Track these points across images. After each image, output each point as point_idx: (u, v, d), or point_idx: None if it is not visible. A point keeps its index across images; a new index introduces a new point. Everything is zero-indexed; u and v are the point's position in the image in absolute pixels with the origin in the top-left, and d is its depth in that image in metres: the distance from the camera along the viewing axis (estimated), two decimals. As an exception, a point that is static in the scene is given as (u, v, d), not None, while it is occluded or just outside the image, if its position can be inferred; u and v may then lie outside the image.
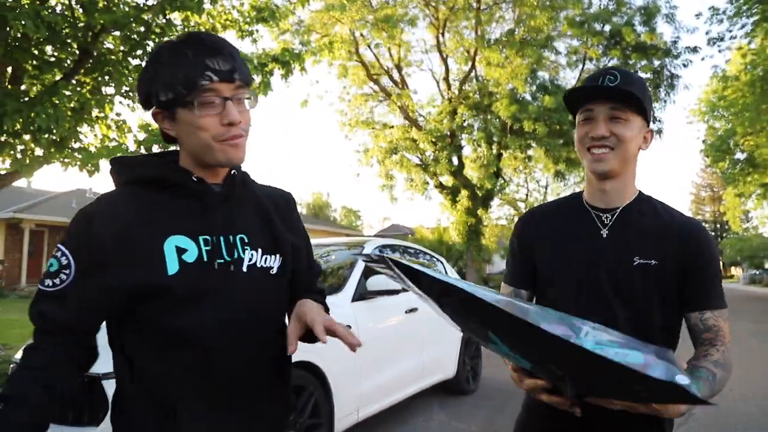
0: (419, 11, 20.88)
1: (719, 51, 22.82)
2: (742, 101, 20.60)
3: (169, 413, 1.12)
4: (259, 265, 1.23)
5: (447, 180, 22.02)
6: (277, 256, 1.27)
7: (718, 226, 67.30)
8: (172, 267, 1.12)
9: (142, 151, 8.19)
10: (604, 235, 1.44)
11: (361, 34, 21.21)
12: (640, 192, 1.50)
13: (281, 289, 1.29)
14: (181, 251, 1.13)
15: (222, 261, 1.17)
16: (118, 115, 9.05)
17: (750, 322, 13.55)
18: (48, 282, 1.11)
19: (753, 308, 18.99)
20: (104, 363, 1.25)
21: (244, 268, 1.20)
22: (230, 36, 10.00)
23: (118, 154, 7.73)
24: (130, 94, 8.58)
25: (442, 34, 21.07)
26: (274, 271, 1.26)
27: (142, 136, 8.38)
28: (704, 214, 67.77)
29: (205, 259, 1.15)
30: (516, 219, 32.41)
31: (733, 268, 67.44)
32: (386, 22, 19.46)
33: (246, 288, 1.19)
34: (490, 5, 20.26)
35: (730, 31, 21.55)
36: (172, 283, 1.11)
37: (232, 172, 1.26)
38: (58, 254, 1.12)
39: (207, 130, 1.13)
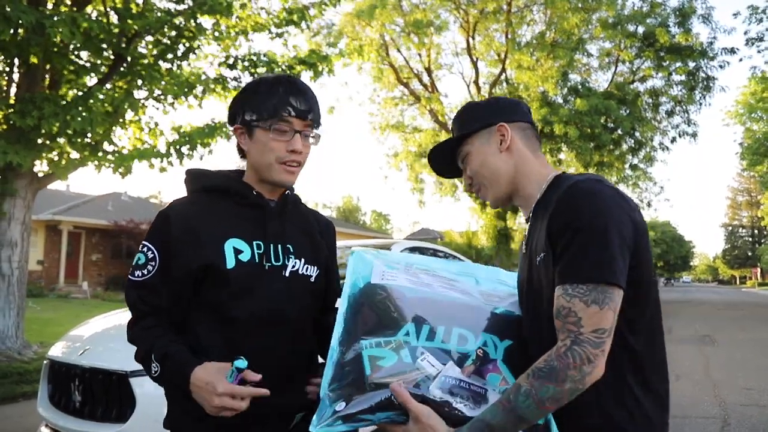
0: (449, 14, 20.80)
1: (758, 51, 22.19)
2: (782, 103, 19.93)
3: None
4: (300, 272, 1.47)
5: (476, 184, 21.83)
6: (316, 267, 1.52)
7: (756, 231, 65.33)
8: (230, 263, 1.37)
9: (172, 152, 8.33)
10: (523, 251, 1.36)
11: (391, 38, 21.23)
12: (555, 177, 1.33)
13: (317, 294, 1.53)
14: (237, 251, 1.38)
15: (270, 264, 1.42)
16: (150, 118, 9.23)
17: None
18: (138, 273, 1.38)
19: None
20: (131, 361, 1.43)
21: (287, 273, 1.44)
22: (261, 38, 10.10)
23: (173, 150, 7.80)
24: (162, 97, 8.74)
25: (473, 37, 20.94)
26: (313, 279, 1.51)
27: (172, 137, 8.50)
28: (741, 219, 65.88)
29: (257, 260, 1.40)
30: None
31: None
32: (416, 26, 19.44)
33: (287, 289, 1.43)
34: (521, 8, 20.06)
35: (771, 32, 20.92)
36: (229, 275, 1.36)
37: (287, 192, 1.53)
38: (144, 249, 1.40)
39: (274, 151, 1.40)
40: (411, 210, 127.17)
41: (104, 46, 7.56)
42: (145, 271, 1.38)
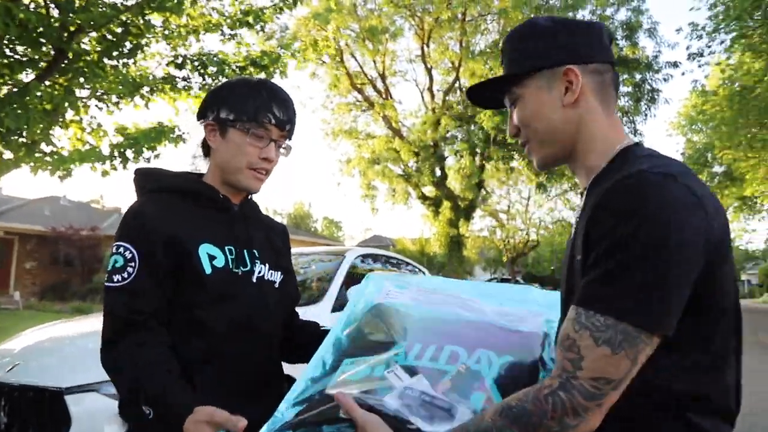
0: (404, 21, 20.91)
1: (699, 66, 23.27)
2: (720, 115, 20.94)
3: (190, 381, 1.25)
4: (266, 278, 1.44)
5: (429, 191, 21.99)
6: (279, 272, 1.49)
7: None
8: (207, 268, 1.30)
9: (116, 155, 7.97)
10: (572, 234, 1.06)
11: (346, 43, 21.18)
12: (624, 148, 1.01)
13: (281, 299, 1.49)
14: (211, 257, 1.32)
15: (241, 270, 1.37)
16: (93, 118, 8.83)
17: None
18: (117, 277, 1.25)
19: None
20: (67, 377, 1.39)
21: (254, 279, 1.40)
22: (213, 39, 9.88)
23: (116, 153, 7.42)
24: (105, 96, 8.36)
25: (427, 45, 21.12)
26: (277, 285, 1.48)
27: (116, 139, 8.15)
28: (682, 227, 68.79)
29: (231, 266, 1.35)
30: (497, 231, 32.35)
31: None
32: (371, 32, 19.44)
33: (257, 294, 1.40)
34: (475, 17, 20.35)
35: (709, 47, 21.93)
36: (206, 281, 1.29)
37: (248, 197, 1.49)
38: (121, 250, 1.27)
39: (247, 155, 1.36)
40: (363, 217, 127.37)
41: (43, 40, 7.15)
42: (125, 274, 1.25)
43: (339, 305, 4.05)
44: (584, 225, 0.91)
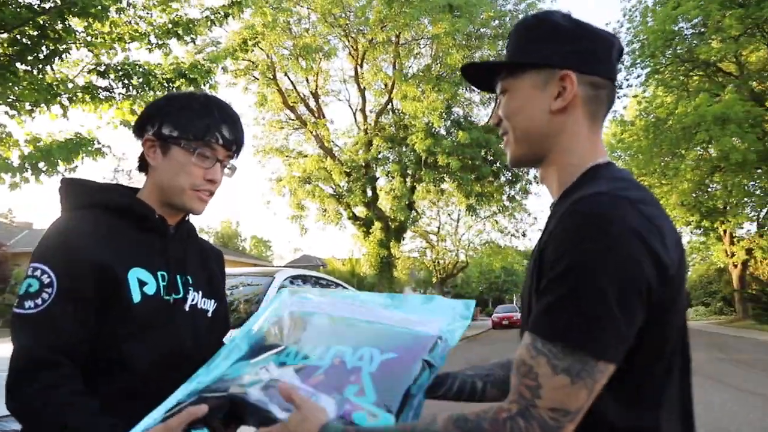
0: (339, 42, 20.96)
1: (618, 97, 24.63)
2: (637, 144, 22.18)
3: None
4: (199, 306, 1.33)
5: (360, 211, 21.94)
6: (213, 300, 1.39)
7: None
8: (136, 296, 1.18)
9: (27, 167, 7.41)
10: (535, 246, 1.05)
11: (279, 61, 20.96)
12: (590, 168, 0.97)
13: (213, 329, 1.38)
14: (141, 283, 1.20)
15: (173, 297, 1.26)
16: (2, 127, 8.22)
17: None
18: (29, 304, 1.10)
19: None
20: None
21: (187, 307, 1.29)
22: (141, 51, 9.49)
23: (28, 165, 6.90)
24: (17, 104, 7.79)
25: (361, 66, 21.21)
26: (210, 314, 1.37)
27: (28, 150, 7.58)
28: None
29: (162, 293, 1.23)
30: (427, 252, 32.69)
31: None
32: (305, 51, 19.33)
33: (188, 325, 1.28)
34: (408, 41, 20.68)
35: (627, 80, 23.28)
36: (134, 311, 1.17)
37: (186, 218, 1.37)
38: (38, 273, 1.12)
39: (191, 176, 1.25)
40: (293, 236, 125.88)
41: (-54, 39, 6.59)
42: (39, 301, 1.09)
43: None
44: (538, 247, 0.90)
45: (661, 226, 0.83)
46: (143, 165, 1.32)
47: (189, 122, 1.25)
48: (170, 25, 8.58)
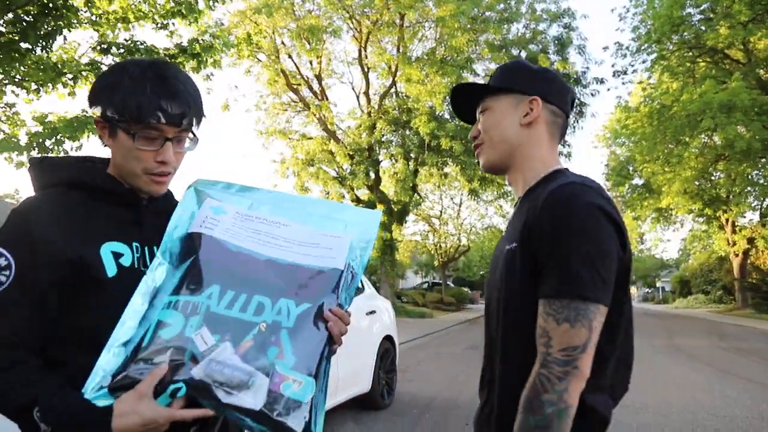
0: (343, 23, 20.83)
1: (623, 83, 24.54)
2: (641, 131, 22.09)
3: None
4: None
5: (363, 194, 21.96)
6: None
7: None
8: (111, 270, 1.15)
9: (35, 146, 7.49)
10: (503, 233, 1.35)
11: (283, 42, 20.87)
12: (555, 171, 1.28)
13: None
14: (117, 255, 1.17)
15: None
16: (9, 107, 8.29)
17: (644, 338, 14.29)
18: None
19: (647, 324, 20.15)
20: None
21: None
22: (145, 30, 9.51)
23: (35, 143, 7.02)
24: (24, 82, 7.84)
25: (365, 48, 21.11)
26: None
27: (36, 129, 7.65)
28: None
29: (136, 265, 1.20)
30: (429, 235, 32.67)
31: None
32: (310, 32, 19.24)
33: None
34: (413, 23, 20.53)
35: (633, 66, 23.10)
36: (108, 285, 1.14)
37: None
38: None
39: (140, 161, 1.19)
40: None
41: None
42: None
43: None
44: (522, 222, 1.17)
45: (616, 209, 1.13)
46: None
47: (124, 103, 1.14)
48: (173, 4, 8.59)
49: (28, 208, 1.15)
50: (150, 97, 1.14)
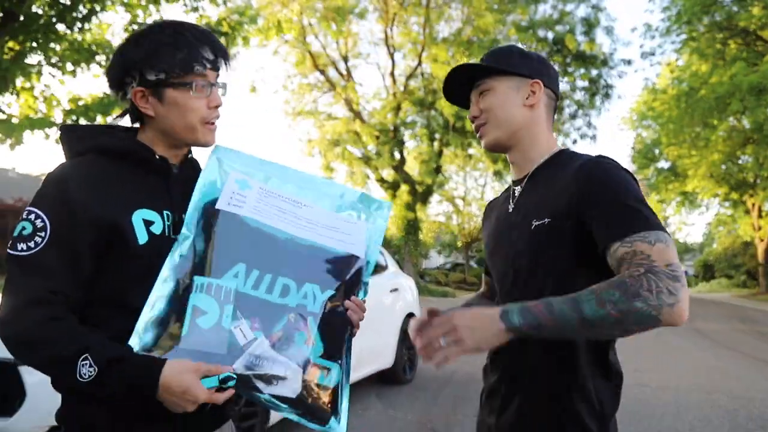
0: (369, 3, 20.78)
1: (650, 65, 24.11)
2: (668, 113, 21.73)
3: None
4: None
5: (388, 174, 22.09)
6: None
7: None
8: (142, 237, 1.16)
9: (69, 123, 7.74)
10: (510, 210, 1.38)
11: (309, 23, 20.92)
12: (560, 150, 1.37)
13: None
14: (148, 223, 1.18)
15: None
16: (46, 86, 8.55)
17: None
18: (22, 246, 1.09)
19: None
20: None
21: None
22: (175, 9, 9.70)
23: (69, 122, 7.33)
24: (60, 64, 8.09)
25: (391, 29, 21.06)
26: None
27: (70, 108, 7.93)
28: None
29: (167, 233, 1.21)
30: (453, 216, 32.51)
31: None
32: (336, 12, 19.25)
33: None
34: (439, 4, 20.40)
35: (661, 47, 22.66)
36: (143, 251, 1.15)
37: (190, 155, 1.34)
38: (32, 217, 1.11)
39: (196, 111, 1.21)
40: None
41: (-7, 1, 6.87)
42: (32, 244, 1.08)
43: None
44: (551, 198, 1.23)
45: None
46: (136, 117, 1.27)
47: (170, 59, 1.18)
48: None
49: (62, 173, 1.16)
50: (194, 44, 1.20)
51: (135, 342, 1.07)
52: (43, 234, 1.09)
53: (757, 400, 5.59)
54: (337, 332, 1.21)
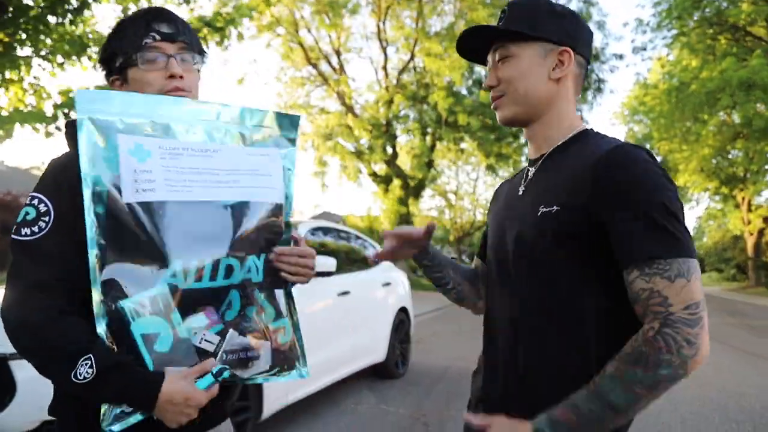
0: (361, -3, 20.72)
1: (642, 60, 24.19)
2: (659, 108, 21.86)
3: None
4: None
5: (380, 168, 22.09)
6: None
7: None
8: None
9: (60, 116, 7.69)
10: (520, 192, 1.21)
11: (302, 16, 20.84)
12: (584, 130, 1.18)
13: None
14: None
15: None
16: (36, 79, 8.46)
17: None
18: (26, 230, 1.08)
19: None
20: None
21: None
22: (166, 4, 9.62)
23: (61, 114, 7.18)
24: (50, 56, 8.02)
25: (383, 22, 21.01)
26: None
27: (60, 101, 7.86)
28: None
29: None
30: (445, 210, 32.66)
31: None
32: (331, 6, 19.19)
33: None
34: (432, -3, 20.37)
35: (652, 42, 22.76)
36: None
37: None
38: (35, 202, 1.10)
39: (152, 84, 1.20)
40: (312, 193, 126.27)
41: (-19, -7, 6.79)
42: (36, 228, 1.07)
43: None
44: (566, 185, 1.07)
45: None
46: None
47: (122, 41, 1.21)
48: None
49: (65, 160, 1.16)
50: (144, 22, 1.22)
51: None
52: (46, 219, 1.08)
53: (750, 396, 5.60)
54: (276, 290, 1.20)
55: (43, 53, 7.98)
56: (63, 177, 1.12)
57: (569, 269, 1.05)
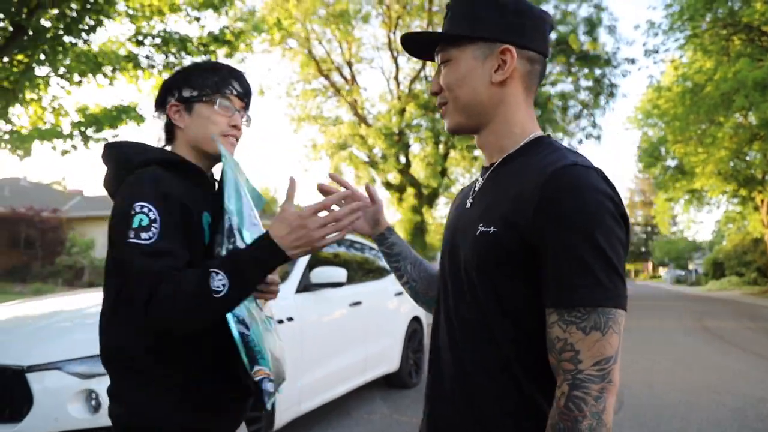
0: (372, 8, 20.88)
1: (654, 63, 23.98)
2: (673, 111, 21.59)
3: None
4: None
5: (394, 177, 22.13)
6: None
7: (649, 228, 70.50)
8: (206, 237, 1.37)
9: (77, 134, 7.87)
10: (468, 205, 1.12)
11: (313, 29, 21.03)
12: (537, 138, 1.08)
13: None
14: (209, 225, 1.38)
15: None
16: (54, 97, 8.67)
17: (674, 320, 14.24)
18: (145, 236, 1.21)
19: (678, 306, 19.98)
20: (29, 355, 1.22)
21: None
22: (180, 23, 9.84)
23: (78, 132, 7.38)
24: (68, 75, 8.21)
25: (394, 33, 21.12)
26: None
27: (78, 118, 8.04)
28: (637, 217, 70.74)
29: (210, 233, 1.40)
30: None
31: (661, 268, 70.94)
32: (340, 17, 19.36)
33: None
34: (442, 7, 20.43)
35: (665, 45, 22.57)
36: (204, 251, 1.35)
37: (211, 172, 1.53)
38: (145, 210, 1.23)
39: (217, 124, 1.41)
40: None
41: (1, 15, 6.97)
42: (152, 233, 1.21)
43: (303, 287, 4.18)
44: (506, 205, 0.99)
45: (616, 190, 0.96)
46: (169, 134, 1.46)
47: (204, 81, 1.41)
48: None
49: (150, 175, 1.30)
50: (225, 75, 1.45)
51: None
52: (156, 225, 1.23)
53: (767, 401, 5.52)
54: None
55: (60, 72, 8.18)
56: (158, 185, 1.28)
57: (505, 291, 0.99)
